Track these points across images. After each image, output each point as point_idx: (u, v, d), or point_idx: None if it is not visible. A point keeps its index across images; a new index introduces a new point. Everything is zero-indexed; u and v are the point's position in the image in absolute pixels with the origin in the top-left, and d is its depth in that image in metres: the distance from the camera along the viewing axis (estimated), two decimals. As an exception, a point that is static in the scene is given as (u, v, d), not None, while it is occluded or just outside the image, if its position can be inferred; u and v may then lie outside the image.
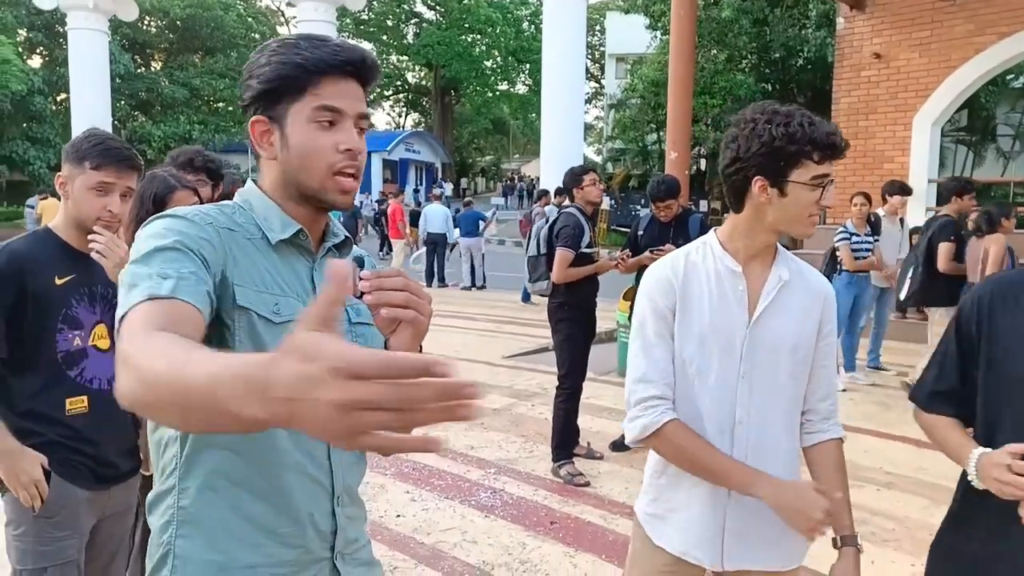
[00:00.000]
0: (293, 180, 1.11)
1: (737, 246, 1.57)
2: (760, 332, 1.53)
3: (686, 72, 8.13)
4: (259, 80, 1.08)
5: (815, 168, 1.45)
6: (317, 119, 1.08)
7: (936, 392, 1.55)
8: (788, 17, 17.43)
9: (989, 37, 9.23)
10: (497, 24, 39.59)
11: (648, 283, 1.60)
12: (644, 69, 21.19)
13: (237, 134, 30.21)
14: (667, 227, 4.70)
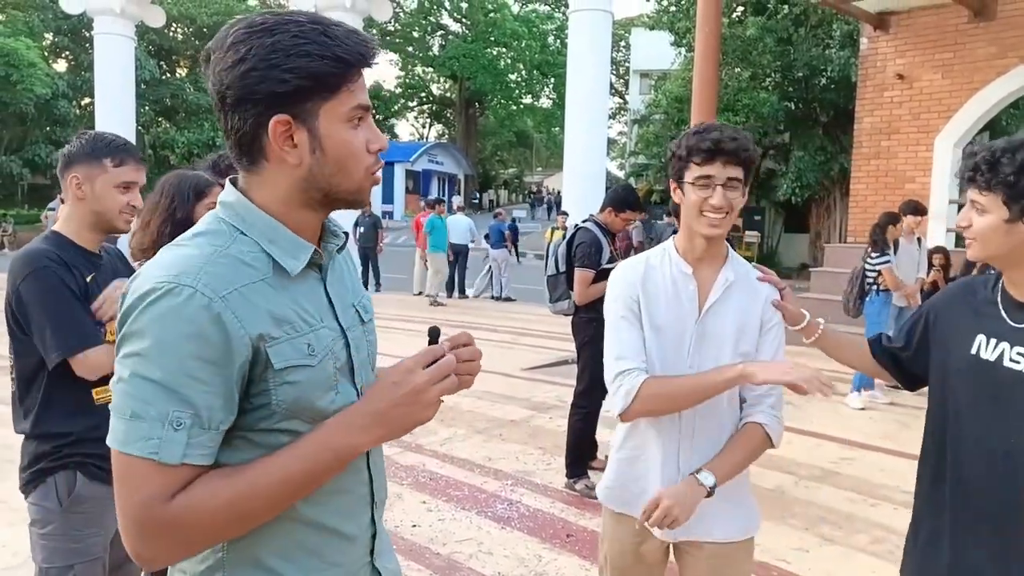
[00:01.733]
0: (322, 185, 1.00)
1: (685, 249, 1.77)
2: (707, 327, 1.73)
3: (710, 88, 8.17)
4: (294, 75, 0.93)
5: (697, 170, 1.65)
6: (351, 118, 0.99)
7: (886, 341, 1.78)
8: (812, 37, 17.41)
9: (1011, 60, 9.20)
10: (523, 38, 39.82)
11: (616, 280, 1.81)
12: (668, 85, 21.20)
13: (261, 142, 30.53)
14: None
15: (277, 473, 0.95)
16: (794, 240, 20.98)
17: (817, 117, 19.01)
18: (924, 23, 9.83)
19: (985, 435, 1.49)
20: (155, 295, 0.91)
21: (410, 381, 0.98)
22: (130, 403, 0.90)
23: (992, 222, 1.46)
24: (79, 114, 27.75)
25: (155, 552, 0.93)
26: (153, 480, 0.90)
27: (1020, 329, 1.49)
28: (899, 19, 10.05)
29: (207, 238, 0.99)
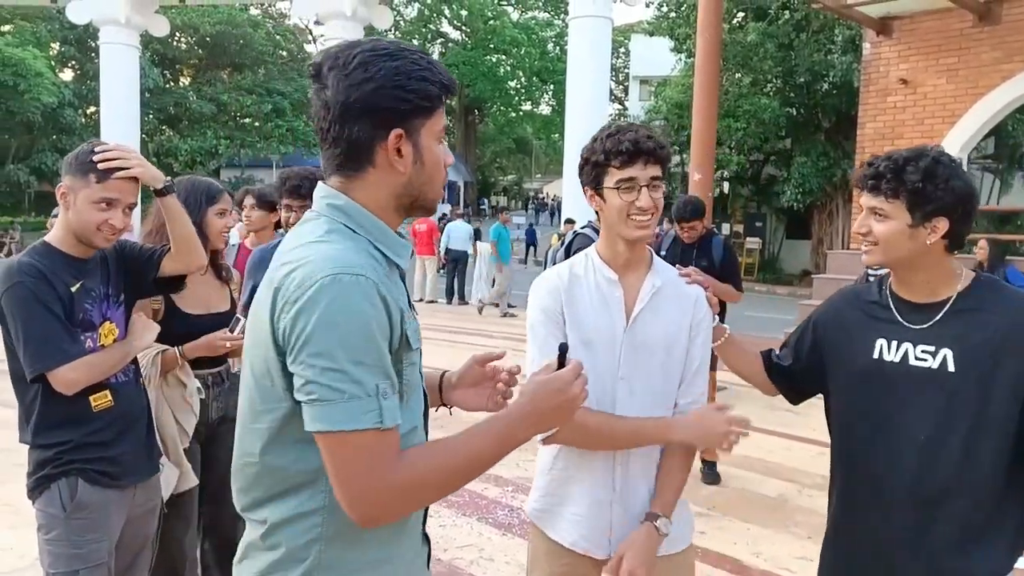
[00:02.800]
0: (415, 192, 1.15)
1: (609, 256, 1.71)
2: (636, 335, 1.67)
3: (710, 94, 8.14)
4: (416, 95, 1.09)
5: (619, 173, 1.60)
6: (439, 136, 1.16)
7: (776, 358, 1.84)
8: (814, 42, 17.40)
9: (1017, 64, 9.16)
10: (522, 45, 39.91)
11: (538, 290, 1.74)
12: (668, 91, 21.23)
13: (263, 149, 30.61)
14: (690, 248, 4.70)
15: (472, 449, 1.11)
16: (796, 246, 20.93)
17: (819, 123, 19.00)
18: (927, 28, 9.80)
19: (901, 432, 1.54)
20: (333, 284, 1.01)
21: (570, 391, 1.16)
22: (344, 386, 1.00)
23: (896, 228, 1.51)
24: (85, 123, 27.83)
25: (387, 512, 1.07)
26: (380, 447, 1.02)
27: (919, 329, 1.56)
28: (902, 24, 10.02)
29: (339, 235, 1.09)
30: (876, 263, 1.58)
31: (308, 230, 1.12)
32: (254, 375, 1.11)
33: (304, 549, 1.10)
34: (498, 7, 41.34)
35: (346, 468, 1.02)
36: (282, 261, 1.09)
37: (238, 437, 1.16)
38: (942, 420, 1.51)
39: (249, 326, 1.14)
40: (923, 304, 1.58)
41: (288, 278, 1.04)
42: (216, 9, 30.37)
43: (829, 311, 1.76)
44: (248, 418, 1.13)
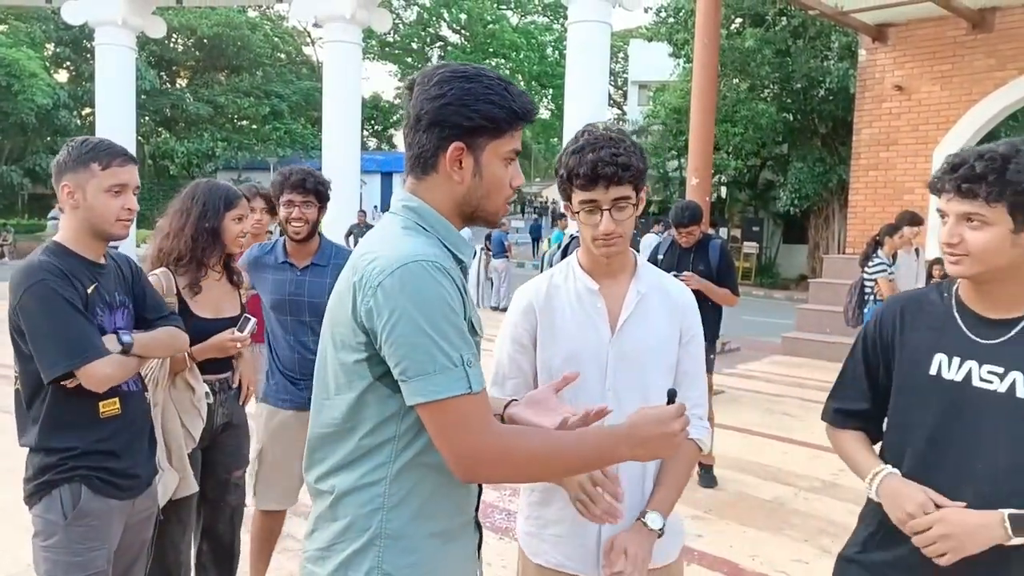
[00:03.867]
0: (473, 203, 1.26)
1: (589, 265, 1.66)
2: (622, 346, 1.61)
3: (708, 98, 8.18)
4: (479, 115, 1.20)
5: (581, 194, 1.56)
6: (507, 158, 1.26)
7: (841, 410, 1.63)
8: (811, 48, 17.48)
9: (1010, 72, 9.23)
10: (521, 49, 39.97)
11: (513, 308, 1.69)
12: (666, 96, 21.28)
13: (260, 152, 30.61)
14: (688, 252, 4.72)
15: (575, 444, 1.22)
16: (793, 251, 20.98)
17: (816, 128, 19.06)
18: (923, 35, 9.87)
19: (964, 460, 1.40)
20: (413, 269, 1.13)
21: (672, 426, 1.25)
22: (434, 360, 1.11)
23: (998, 235, 1.33)
24: (80, 124, 27.81)
25: (485, 467, 1.16)
26: (474, 410, 1.13)
27: (986, 345, 1.41)
28: (897, 31, 10.10)
29: (413, 232, 1.22)
30: (967, 276, 1.41)
31: (386, 226, 1.26)
32: (337, 353, 1.22)
33: (368, 518, 1.21)
34: (497, 11, 41.38)
35: (447, 430, 1.13)
36: (363, 252, 1.21)
37: (315, 413, 1.29)
38: (1007, 449, 1.37)
39: (332, 308, 1.25)
40: (996, 320, 1.42)
41: (370, 266, 1.16)
42: (214, 11, 30.38)
43: (877, 326, 1.57)
44: (327, 392, 1.25)
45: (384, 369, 1.17)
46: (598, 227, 1.55)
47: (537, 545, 1.69)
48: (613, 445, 1.24)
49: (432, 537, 1.24)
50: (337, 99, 13.48)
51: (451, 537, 1.27)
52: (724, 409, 5.95)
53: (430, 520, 1.24)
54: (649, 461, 1.53)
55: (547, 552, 1.67)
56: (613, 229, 1.55)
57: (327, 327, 1.27)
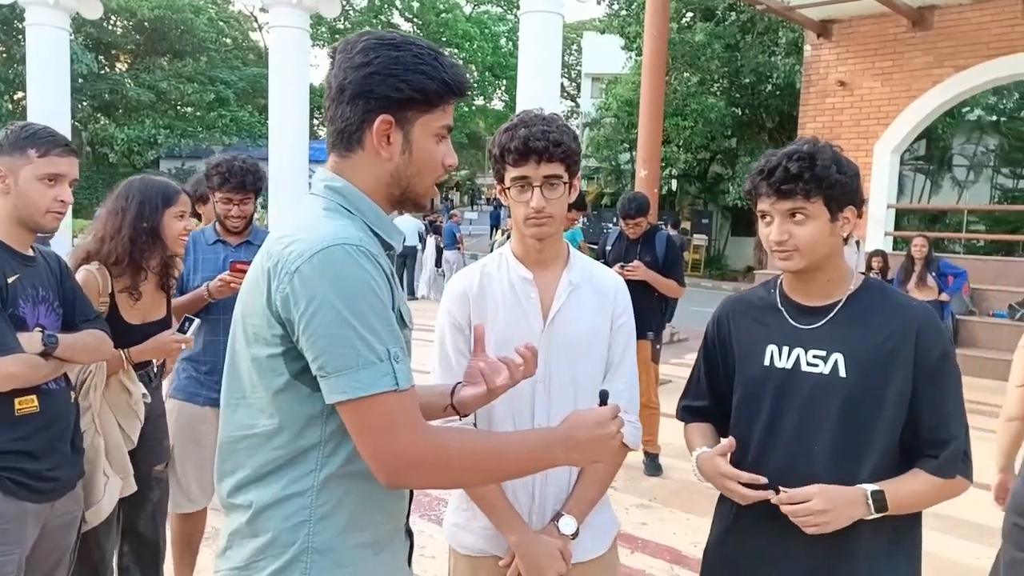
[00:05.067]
0: (402, 183, 1.17)
1: (522, 253, 1.64)
2: (554, 336, 1.59)
3: (657, 90, 8.23)
4: (409, 86, 1.11)
5: (513, 171, 1.55)
6: (438, 134, 1.17)
7: (687, 407, 1.74)
8: (759, 44, 17.78)
9: (947, 69, 9.53)
10: (474, 39, 39.70)
11: (447, 296, 1.68)
12: (618, 88, 21.40)
13: (205, 140, 29.76)
14: (635, 244, 4.74)
15: (508, 448, 1.15)
16: (741, 243, 21.39)
17: (763, 123, 19.43)
18: (865, 32, 10.11)
19: (796, 440, 1.49)
20: (334, 253, 1.03)
21: (608, 427, 1.21)
22: (357, 353, 1.01)
23: (820, 227, 1.44)
24: (12, 109, 26.58)
25: (411, 472, 1.06)
26: (401, 409, 1.04)
27: (808, 331, 1.51)
28: (841, 27, 10.32)
29: (336, 214, 1.12)
30: (798, 269, 1.49)
31: (306, 208, 1.15)
32: (249, 347, 1.11)
33: (292, 532, 1.10)
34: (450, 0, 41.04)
35: (369, 431, 1.04)
36: (279, 235, 1.11)
37: (226, 417, 1.16)
38: (836, 427, 1.46)
39: (243, 296, 1.14)
40: (815, 307, 1.53)
41: (287, 249, 1.05)
42: (155, -8, 29.41)
43: (714, 327, 1.69)
44: (242, 392, 1.13)
45: (303, 364, 1.07)
46: (529, 204, 1.53)
47: (464, 537, 1.67)
48: (548, 448, 1.17)
49: (361, 548, 1.15)
50: (284, 86, 13.16)
51: (381, 547, 1.18)
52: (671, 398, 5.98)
53: (360, 531, 1.15)
54: (584, 465, 1.48)
55: (474, 544, 1.66)
56: (544, 206, 1.53)
57: (238, 318, 1.15)
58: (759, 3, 9.71)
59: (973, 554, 3.61)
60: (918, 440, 1.46)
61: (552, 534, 1.55)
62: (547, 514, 1.60)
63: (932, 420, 1.45)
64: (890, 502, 1.41)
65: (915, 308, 1.51)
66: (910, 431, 1.46)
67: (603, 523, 1.70)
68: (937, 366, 1.45)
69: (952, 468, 1.45)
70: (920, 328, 1.45)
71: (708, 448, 1.57)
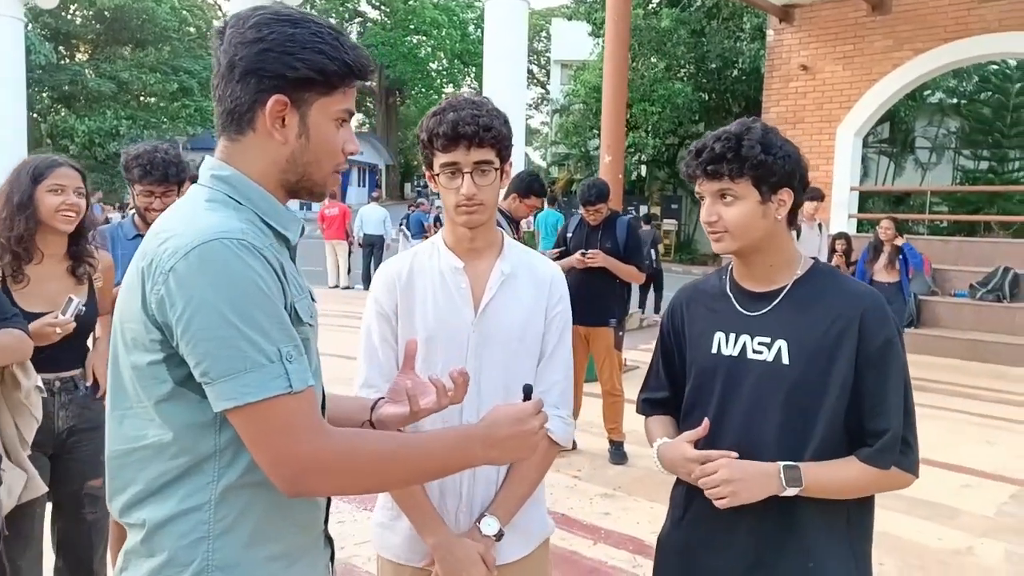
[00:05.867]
0: (299, 170, 1.09)
1: (453, 242, 1.59)
2: (486, 327, 1.55)
3: (620, 76, 8.20)
4: (305, 65, 1.04)
5: (442, 156, 1.49)
6: (338, 118, 1.10)
7: (648, 400, 1.72)
8: (724, 29, 17.85)
9: (906, 53, 9.63)
10: (443, 26, 39.40)
11: (375, 284, 1.63)
12: (586, 75, 21.37)
13: (169, 130, 29.20)
14: (595, 230, 4.72)
15: (421, 448, 1.09)
16: (710, 228, 21.54)
17: (730, 107, 19.53)
18: (826, 16, 10.17)
19: (744, 429, 1.48)
20: (212, 249, 0.95)
21: (529, 423, 1.16)
22: (243, 355, 0.95)
23: (748, 208, 1.44)
24: (-34, 100, 25.82)
25: (313, 480, 1.00)
26: (298, 412, 0.97)
27: (754, 317, 1.50)
28: (803, 12, 10.37)
29: (220, 205, 1.05)
30: (730, 251, 1.49)
31: (187, 200, 1.08)
32: (129, 355, 1.03)
33: (190, 550, 1.02)
34: (417, -13, 40.63)
35: (264, 438, 0.97)
36: (155, 231, 1.03)
37: (112, 428, 1.08)
38: (781, 414, 1.45)
39: (120, 300, 1.06)
40: (760, 293, 1.52)
41: (162, 247, 0.98)
42: (114, -19, 28.70)
43: (668, 316, 1.68)
44: (127, 401, 1.05)
45: (187, 371, 0.99)
46: (459, 191, 1.48)
47: (389, 538, 1.62)
48: (465, 447, 1.12)
49: (272, 561, 1.07)
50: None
51: (295, 559, 1.11)
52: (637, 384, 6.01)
53: (268, 543, 1.07)
54: (504, 464, 1.41)
55: (396, 546, 1.60)
56: (475, 193, 1.48)
57: (117, 323, 1.07)
58: (722, -12, 9.71)
59: (934, 535, 3.66)
60: (861, 428, 1.45)
61: (474, 536, 1.51)
62: (475, 514, 1.55)
63: (872, 408, 1.43)
64: (807, 479, 1.40)
65: (862, 294, 1.48)
66: (854, 419, 1.45)
67: (531, 523, 1.64)
68: (880, 353, 1.43)
69: (887, 458, 1.43)
70: (865, 314, 1.43)
71: (669, 438, 1.55)
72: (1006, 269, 8.43)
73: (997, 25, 8.93)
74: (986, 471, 4.55)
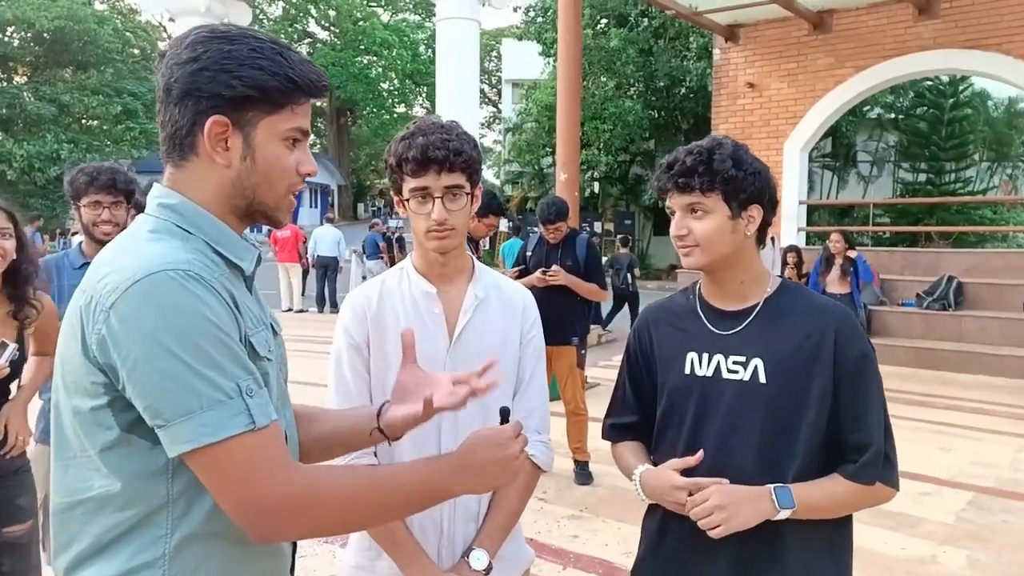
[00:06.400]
0: (247, 194, 1.03)
1: (424, 267, 1.55)
2: (461, 353, 1.50)
3: (573, 95, 8.27)
4: (243, 83, 0.98)
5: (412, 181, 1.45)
6: (288, 137, 1.03)
7: (615, 425, 1.65)
8: (671, 48, 18.23)
9: (848, 70, 9.95)
10: (393, 47, 39.38)
11: (344, 313, 1.57)
12: (538, 94, 21.56)
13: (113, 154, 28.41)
14: (555, 248, 4.70)
15: (396, 482, 1.02)
16: (663, 242, 21.83)
17: (679, 125, 19.92)
18: (770, 35, 10.45)
19: (723, 451, 1.44)
20: (156, 282, 0.89)
21: (510, 447, 1.08)
22: (197, 393, 0.88)
23: (718, 222, 1.43)
24: None
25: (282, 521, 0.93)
26: (261, 448, 0.91)
27: (728, 336, 1.48)
28: (747, 31, 10.64)
29: (166, 235, 0.98)
30: (699, 266, 1.48)
31: (130, 232, 1.02)
32: (70, 399, 0.96)
33: None
34: (367, 8, 40.58)
35: (227, 481, 0.90)
36: (95, 266, 0.96)
37: (57, 478, 1.00)
38: (760, 434, 1.43)
39: (60, 343, 0.98)
40: (732, 311, 1.50)
41: (101, 283, 0.92)
42: (54, 2, 27.93)
43: (635, 337, 1.63)
44: (70, 450, 0.98)
45: (134, 415, 0.91)
46: (430, 216, 1.44)
47: None
48: (443, 478, 1.04)
49: None
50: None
51: None
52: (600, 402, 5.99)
53: None
54: (485, 492, 1.34)
55: None
56: (446, 218, 1.44)
57: (57, 368, 0.99)
58: (669, 8, 9.90)
59: (898, 544, 3.69)
60: (840, 444, 1.44)
61: (463, 571, 1.44)
62: (457, 548, 1.50)
63: (852, 423, 1.43)
64: (798, 501, 1.38)
65: (832, 309, 1.48)
66: (833, 434, 1.44)
67: (516, 554, 1.60)
68: (857, 368, 1.43)
69: (871, 473, 1.42)
70: (839, 329, 1.43)
71: (649, 465, 1.50)
72: (950, 278, 8.70)
73: (933, 43, 9.29)
74: (943, 478, 4.64)
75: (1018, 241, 17.27)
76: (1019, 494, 4.42)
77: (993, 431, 5.78)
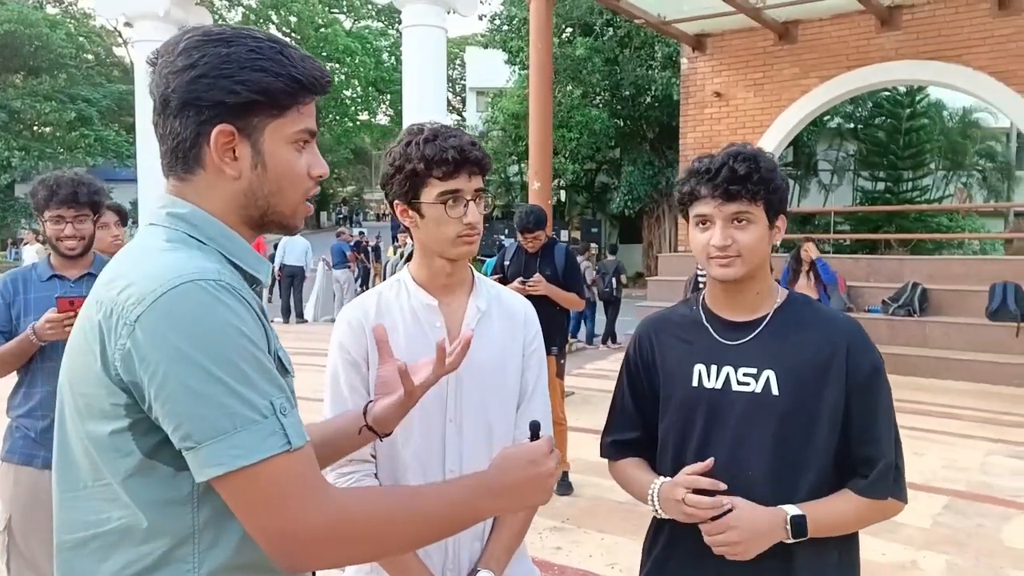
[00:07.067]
0: (261, 204, 0.97)
1: (426, 279, 1.50)
2: (465, 367, 1.42)
3: (545, 103, 8.25)
4: (246, 87, 0.91)
5: (441, 185, 1.38)
6: (296, 140, 0.98)
7: (616, 442, 1.60)
8: (636, 57, 18.39)
9: (812, 80, 10.12)
10: (356, 54, 39.08)
11: (339, 328, 1.50)
12: (504, 102, 21.57)
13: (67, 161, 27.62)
14: (534, 257, 4.65)
15: (427, 505, 0.95)
16: (630, 250, 21.97)
17: (644, 133, 20.09)
18: (737, 45, 10.59)
19: (734, 464, 1.40)
20: (184, 292, 0.83)
21: (544, 464, 1.03)
22: (233, 411, 0.82)
23: (761, 233, 1.39)
24: None
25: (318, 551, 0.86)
26: (299, 472, 0.85)
27: (736, 347, 1.44)
28: (714, 41, 10.77)
29: (182, 244, 0.92)
30: (738, 277, 1.41)
31: (142, 242, 0.95)
32: (85, 424, 0.89)
33: None
34: (329, 15, 40.24)
35: (261, 507, 0.83)
36: (109, 278, 0.89)
37: (63, 513, 0.92)
38: (772, 447, 1.40)
39: (68, 362, 0.92)
40: (741, 322, 1.46)
41: (122, 295, 0.85)
42: (3, 5, 27.13)
43: (635, 349, 1.58)
44: (80, 481, 0.90)
45: (159, 438, 0.85)
46: (463, 219, 1.39)
47: None
48: (473, 499, 0.98)
49: None
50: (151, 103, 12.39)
51: None
52: (576, 411, 5.93)
53: None
54: (514, 512, 1.28)
55: None
56: (479, 219, 1.41)
57: (65, 391, 0.92)
58: (638, 17, 9.96)
59: (878, 550, 3.70)
60: (850, 457, 1.42)
61: None
62: (463, 570, 1.44)
63: (862, 437, 1.40)
64: (811, 526, 1.35)
65: (843, 321, 1.47)
66: (843, 447, 1.42)
67: (521, 571, 1.55)
68: (868, 381, 1.41)
69: (882, 488, 1.40)
70: (851, 342, 1.41)
71: (666, 478, 1.44)
72: (915, 284, 8.87)
73: (895, 54, 9.50)
74: (918, 483, 4.69)
75: (973, 248, 17.77)
76: (991, 497, 4.49)
77: (962, 435, 5.88)
